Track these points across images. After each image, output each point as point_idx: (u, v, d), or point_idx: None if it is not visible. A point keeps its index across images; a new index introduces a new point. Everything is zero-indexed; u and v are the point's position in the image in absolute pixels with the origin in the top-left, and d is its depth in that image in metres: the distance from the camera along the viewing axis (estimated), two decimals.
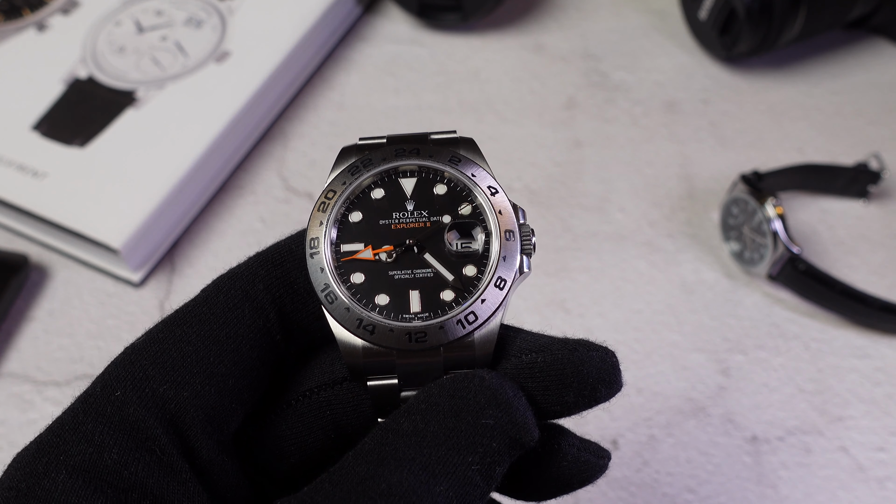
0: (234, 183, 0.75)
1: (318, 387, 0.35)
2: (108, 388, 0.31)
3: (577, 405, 0.33)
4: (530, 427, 0.31)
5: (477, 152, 0.37)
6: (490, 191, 0.35)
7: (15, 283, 0.67)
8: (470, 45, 0.86)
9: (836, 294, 0.64)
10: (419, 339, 0.33)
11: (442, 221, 0.35)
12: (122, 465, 0.29)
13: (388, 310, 0.34)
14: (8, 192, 0.69)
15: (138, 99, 0.75)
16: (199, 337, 0.32)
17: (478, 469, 0.29)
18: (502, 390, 0.31)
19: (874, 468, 0.59)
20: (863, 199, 0.73)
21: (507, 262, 0.34)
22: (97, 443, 0.29)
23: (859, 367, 0.64)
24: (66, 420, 0.30)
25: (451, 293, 0.34)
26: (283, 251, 0.35)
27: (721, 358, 0.64)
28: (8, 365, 0.65)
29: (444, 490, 0.29)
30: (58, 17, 0.81)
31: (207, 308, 0.33)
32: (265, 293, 0.34)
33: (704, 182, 0.74)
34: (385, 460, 0.29)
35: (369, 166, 0.36)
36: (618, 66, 0.83)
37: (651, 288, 0.68)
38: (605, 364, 0.33)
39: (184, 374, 0.31)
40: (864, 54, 0.84)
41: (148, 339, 0.32)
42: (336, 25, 0.85)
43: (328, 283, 0.34)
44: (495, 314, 0.34)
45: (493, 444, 0.30)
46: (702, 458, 0.60)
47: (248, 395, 0.33)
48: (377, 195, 0.36)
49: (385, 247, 0.35)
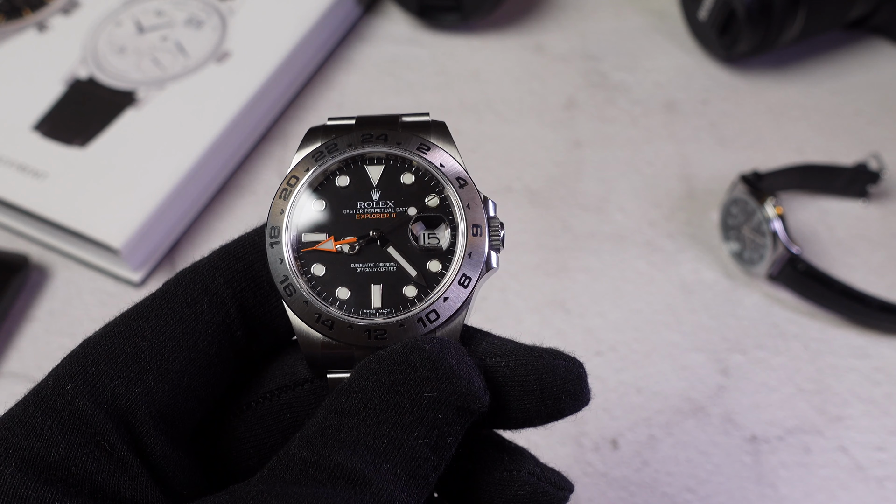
0: (235, 183, 0.75)
1: (278, 389, 0.34)
2: (59, 382, 0.31)
3: (539, 414, 0.32)
4: (478, 393, 0.30)
5: (448, 139, 0.35)
6: (458, 182, 0.34)
7: (15, 283, 0.67)
8: (470, 45, 0.86)
9: (835, 294, 0.64)
10: (378, 336, 0.32)
11: (407, 213, 0.34)
12: (70, 460, 0.29)
13: (348, 304, 0.33)
14: (8, 192, 0.69)
15: (139, 99, 0.75)
16: (154, 332, 0.32)
17: (426, 443, 0.29)
18: (444, 359, 0.30)
19: (873, 468, 0.59)
20: (862, 199, 0.73)
21: (472, 259, 0.33)
22: (45, 437, 0.29)
23: (858, 367, 0.64)
24: (16, 413, 0.30)
25: (413, 289, 0.33)
26: (245, 244, 0.34)
27: (720, 358, 0.64)
28: (8, 365, 0.65)
29: (391, 468, 0.28)
30: (58, 18, 0.82)
31: (165, 302, 0.32)
32: (226, 287, 0.33)
33: (704, 182, 0.74)
34: (329, 442, 0.29)
35: (334, 152, 0.35)
36: (618, 66, 0.83)
37: (651, 288, 0.68)
38: (570, 374, 0.32)
39: (136, 370, 0.31)
40: (863, 54, 0.84)
41: (103, 333, 0.32)
42: (336, 25, 0.85)
43: (287, 274, 0.33)
44: (457, 313, 0.33)
45: (438, 416, 0.29)
46: (701, 458, 0.60)
47: (206, 392, 0.33)
48: (342, 183, 0.35)
49: (348, 238, 0.34)
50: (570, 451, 0.60)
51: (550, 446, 0.60)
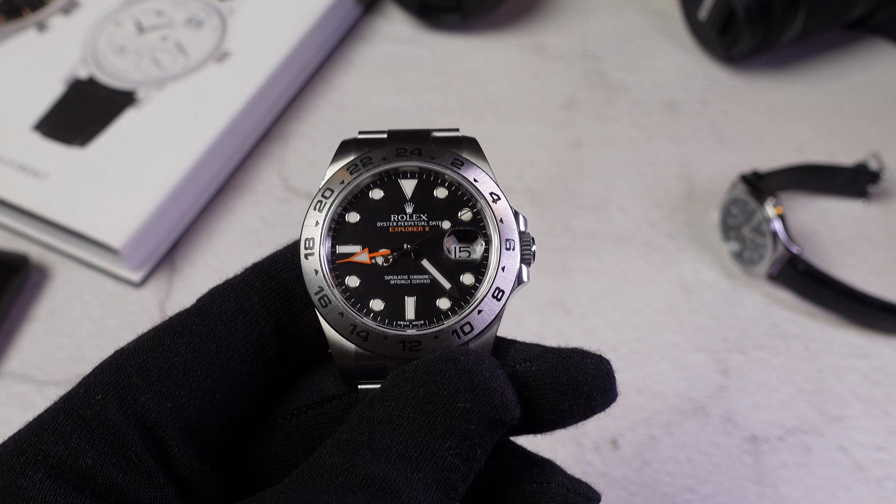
0: (235, 183, 0.75)
1: (306, 405, 0.34)
2: (90, 392, 0.31)
3: (572, 414, 0.32)
4: (510, 406, 0.30)
5: (479, 154, 0.36)
6: (492, 197, 0.35)
7: (15, 282, 0.67)
8: (470, 45, 0.86)
9: (835, 294, 0.64)
10: (413, 347, 0.33)
11: (441, 227, 0.34)
12: (97, 469, 0.29)
13: (382, 316, 0.33)
14: (8, 192, 0.69)
15: (139, 99, 0.75)
16: (189, 349, 0.32)
17: (457, 453, 0.29)
18: (478, 371, 0.30)
19: (873, 468, 0.59)
20: (862, 199, 0.73)
21: (505, 273, 0.34)
22: (74, 445, 0.29)
23: (858, 367, 0.64)
24: (45, 420, 0.30)
25: (447, 301, 0.34)
26: (279, 262, 0.34)
27: (720, 358, 0.64)
28: (9, 365, 0.65)
29: (422, 477, 0.28)
30: (58, 18, 0.82)
31: (200, 319, 0.33)
32: (260, 305, 0.33)
33: (704, 182, 0.74)
34: (360, 450, 0.29)
35: (369, 165, 0.35)
36: (618, 66, 0.83)
37: (651, 288, 0.68)
38: (599, 371, 0.32)
39: (168, 385, 0.31)
40: (863, 54, 0.84)
41: (138, 346, 0.32)
42: (336, 25, 0.85)
43: (322, 286, 0.33)
44: (491, 326, 0.33)
45: (471, 427, 0.29)
46: (701, 458, 0.60)
47: (237, 409, 0.33)
48: (376, 196, 0.35)
49: (382, 251, 0.34)
50: (570, 451, 0.60)
51: (550, 446, 0.60)
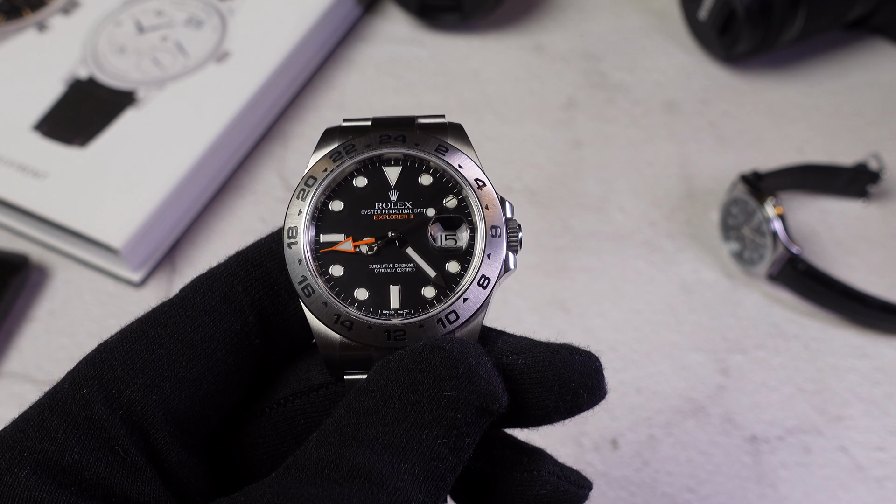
0: (235, 183, 0.75)
1: (292, 395, 0.34)
2: (75, 386, 0.30)
3: (557, 410, 0.32)
4: (497, 394, 0.30)
5: (465, 140, 0.35)
6: (477, 183, 0.34)
7: (15, 283, 0.67)
8: (470, 45, 0.86)
9: (835, 294, 0.64)
10: (398, 337, 0.32)
11: (426, 214, 0.34)
12: (84, 464, 0.29)
13: (367, 305, 0.33)
14: (8, 192, 0.69)
15: (139, 99, 0.75)
16: (173, 340, 0.31)
17: (444, 442, 0.29)
18: (464, 359, 0.30)
19: (873, 468, 0.59)
20: (862, 199, 0.73)
21: (491, 260, 0.33)
22: (60, 441, 0.29)
23: (858, 367, 0.64)
24: (31, 416, 0.30)
25: (432, 290, 0.33)
26: (262, 250, 0.34)
27: (720, 358, 0.64)
28: (8, 364, 0.65)
29: (409, 467, 0.28)
30: (58, 18, 0.82)
31: (183, 310, 0.32)
32: (244, 295, 0.33)
33: (704, 182, 0.74)
34: (347, 442, 0.28)
35: (352, 153, 0.34)
36: (617, 66, 0.83)
37: (651, 288, 0.68)
38: (587, 368, 0.32)
39: (153, 377, 0.31)
40: (863, 54, 0.84)
41: (121, 338, 0.32)
42: (336, 25, 0.85)
43: (306, 275, 0.33)
44: (477, 314, 0.33)
45: (457, 416, 0.29)
46: (701, 458, 0.60)
47: (223, 400, 0.33)
48: (360, 184, 0.35)
49: (366, 239, 0.33)
50: (570, 451, 0.60)
51: (550, 446, 0.59)
